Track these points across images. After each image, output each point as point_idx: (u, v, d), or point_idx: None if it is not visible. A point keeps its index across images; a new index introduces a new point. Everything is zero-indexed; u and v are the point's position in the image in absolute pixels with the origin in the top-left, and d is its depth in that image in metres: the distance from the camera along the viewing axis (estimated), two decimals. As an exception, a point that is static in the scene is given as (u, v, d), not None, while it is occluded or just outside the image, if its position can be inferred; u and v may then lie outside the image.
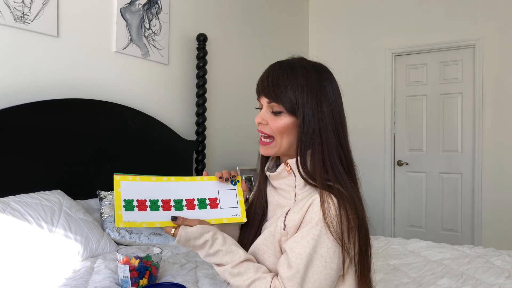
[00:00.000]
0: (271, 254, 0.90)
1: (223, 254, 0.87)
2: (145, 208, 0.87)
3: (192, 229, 0.87)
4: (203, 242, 0.87)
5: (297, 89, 0.88)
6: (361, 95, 4.04)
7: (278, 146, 0.93)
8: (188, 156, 2.78)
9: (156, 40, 2.68)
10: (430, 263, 1.79)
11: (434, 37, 3.73)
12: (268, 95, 0.91)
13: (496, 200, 3.47)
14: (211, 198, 0.95)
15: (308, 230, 0.83)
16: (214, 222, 0.93)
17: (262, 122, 0.93)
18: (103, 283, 1.37)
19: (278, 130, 0.91)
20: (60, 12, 2.14)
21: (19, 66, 1.97)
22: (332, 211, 0.82)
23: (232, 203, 0.97)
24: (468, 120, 3.62)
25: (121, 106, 2.39)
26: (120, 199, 0.86)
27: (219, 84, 3.22)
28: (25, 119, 1.90)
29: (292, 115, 0.90)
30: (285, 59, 0.97)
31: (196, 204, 0.93)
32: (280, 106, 0.90)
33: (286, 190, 0.95)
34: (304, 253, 0.82)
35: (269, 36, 3.83)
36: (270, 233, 0.90)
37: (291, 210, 0.89)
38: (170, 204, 0.90)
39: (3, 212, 1.53)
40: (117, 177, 0.88)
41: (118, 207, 0.85)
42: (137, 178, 0.90)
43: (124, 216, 0.85)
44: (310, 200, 0.86)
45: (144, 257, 1.38)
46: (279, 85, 0.89)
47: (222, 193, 0.97)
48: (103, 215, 1.96)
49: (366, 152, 3.99)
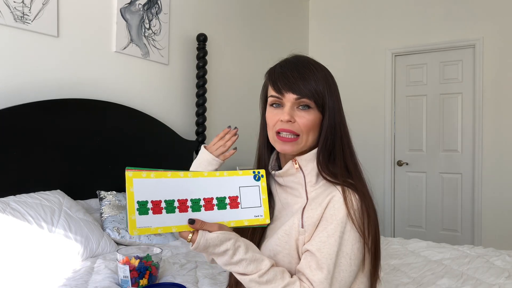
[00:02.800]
0: (286, 254, 0.87)
1: (247, 263, 0.81)
2: (160, 211, 0.79)
3: (211, 235, 0.79)
4: (224, 250, 0.80)
5: (324, 84, 0.87)
6: (361, 95, 4.04)
7: (303, 143, 0.89)
8: (188, 156, 2.78)
9: (156, 40, 2.68)
10: (430, 263, 1.79)
11: (434, 37, 3.73)
12: (296, 90, 0.86)
13: (496, 200, 3.47)
14: (232, 197, 0.86)
15: (333, 228, 0.82)
16: (234, 224, 0.85)
17: (291, 119, 0.87)
18: (103, 283, 1.37)
19: (307, 127, 0.87)
20: (60, 12, 2.14)
21: (19, 66, 1.97)
22: (355, 206, 0.83)
23: (254, 202, 0.88)
24: (468, 120, 3.62)
25: (121, 106, 2.39)
26: (133, 201, 0.77)
27: (219, 84, 3.22)
28: (25, 119, 1.90)
29: (319, 111, 0.88)
30: (291, 56, 0.94)
31: (215, 204, 0.84)
32: (310, 102, 0.87)
33: (294, 188, 0.92)
34: (333, 252, 0.81)
35: (269, 36, 3.83)
36: (285, 232, 0.87)
37: (308, 207, 0.86)
38: (187, 205, 0.81)
39: (3, 212, 1.53)
40: (129, 173, 0.78)
41: (131, 210, 0.76)
42: (152, 175, 0.80)
43: (138, 222, 0.76)
44: (329, 196, 0.84)
45: (144, 257, 1.38)
46: (308, 79, 0.86)
47: (244, 190, 0.88)
48: (103, 215, 1.96)
49: (366, 152, 3.99)
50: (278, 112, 0.89)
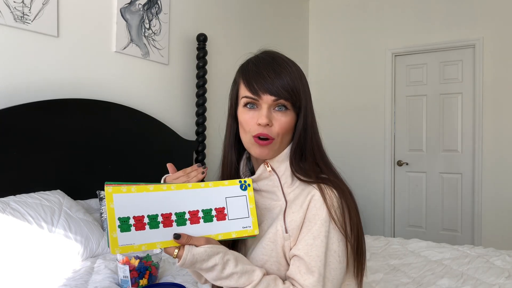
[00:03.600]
0: (274, 262, 0.84)
1: (238, 277, 0.77)
2: (143, 227, 0.75)
3: (198, 250, 0.75)
4: (212, 265, 0.76)
5: (299, 83, 0.85)
6: (361, 95, 4.04)
7: (278, 145, 0.86)
8: (188, 156, 2.78)
9: (156, 40, 2.68)
10: (430, 263, 1.79)
11: (434, 37, 3.73)
12: (274, 92, 0.82)
13: (496, 200, 3.47)
14: (218, 208, 0.82)
15: (318, 229, 0.80)
16: (222, 237, 0.82)
17: (269, 123, 0.83)
18: (103, 283, 1.37)
19: (283, 129, 0.84)
20: (60, 12, 2.14)
21: (19, 66, 1.97)
22: (334, 202, 0.81)
23: (242, 212, 0.84)
24: (468, 120, 3.62)
25: (121, 106, 2.38)
26: (114, 218, 0.73)
27: (219, 84, 3.22)
28: (25, 119, 1.90)
29: (294, 111, 0.85)
30: (261, 52, 0.90)
31: (201, 216, 0.81)
32: (287, 103, 0.83)
33: (270, 191, 0.89)
34: (322, 253, 0.79)
35: (269, 36, 3.83)
36: (269, 240, 0.84)
37: (289, 210, 0.84)
38: (171, 219, 0.78)
39: (3, 212, 1.53)
40: (108, 189, 0.74)
41: (112, 228, 0.73)
42: (132, 189, 0.76)
43: (120, 240, 0.73)
44: (309, 196, 0.82)
45: (144, 257, 1.38)
46: (284, 79, 0.83)
47: (231, 200, 0.84)
48: (103, 215, 1.96)
49: (366, 152, 3.99)
50: (255, 115, 0.84)
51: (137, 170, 2.41)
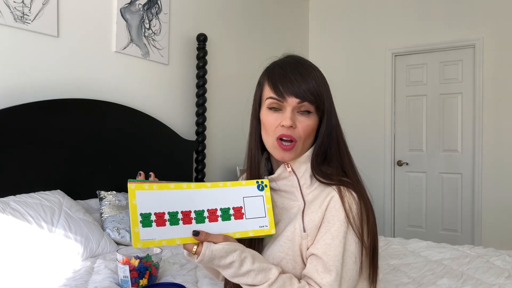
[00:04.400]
0: (290, 260, 0.86)
1: (255, 274, 0.79)
2: (164, 223, 0.78)
3: (217, 247, 0.77)
4: (230, 262, 0.78)
5: (323, 87, 0.86)
6: (361, 95, 4.04)
7: (300, 148, 0.87)
8: (188, 156, 2.78)
9: (156, 40, 2.68)
10: (430, 263, 1.79)
11: (434, 37, 3.73)
12: (300, 95, 0.83)
13: (496, 200, 3.47)
14: (236, 207, 0.85)
15: (337, 229, 0.82)
16: (240, 235, 0.84)
17: (293, 125, 0.84)
18: (103, 283, 1.37)
19: (306, 133, 0.86)
20: (60, 12, 2.14)
21: (19, 66, 1.97)
22: (353, 206, 0.82)
23: (259, 212, 0.87)
24: (468, 120, 3.62)
25: (121, 106, 2.39)
26: (137, 213, 0.76)
27: (219, 84, 3.22)
28: (25, 119, 1.90)
29: (317, 114, 0.87)
30: (286, 56, 0.93)
31: (219, 215, 0.83)
32: (311, 106, 0.85)
33: (289, 191, 0.91)
34: (339, 253, 0.81)
35: (269, 36, 3.83)
36: (287, 238, 0.86)
37: (307, 210, 0.85)
38: (190, 216, 0.81)
39: (3, 212, 1.53)
40: (131, 185, 0.77)
41: (135, 223, 0.76)
42: (154, 187, 0.79)
43: (142, 234, 0.75)
44: (329, 197, 0.83)
45: (144, 257, 1.38)
46: (310, 82, 0.85)
47: (248, 200, 0.87)
48: (103, 215, 1.96)
49: (366, 152, 3.99)
50: (278, 116, 0.86)
51: (137, 170, 2.40)
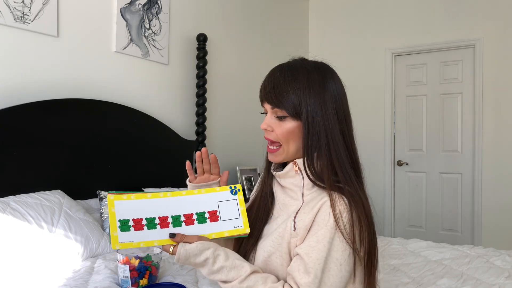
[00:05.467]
0: (278, 256, 0.88)
1: (227, 270, 0.84)
2: (141, 227, 0.84)
3: (191, 246, 0.83)
4: (204, 259, 0.84)
5: (300, 92, 0.87)
6: (361, 95, 4.04)
7: (285, 152, 0.92)
8: (188, 156, 2.78)
9: (156, 40, 2.68)
10: (430, 263, 1.79)
11: (434, 37, 3.73)
12: (270, 101, 0.90)
13: (496, 200, 3.47)
14: (211, 211, 0.90)
15: (323, 233, 0.82)
16: (215, 236, 0.89)
17: (268, 128, 0.92)
18: (103, 283, 1.37)
19: (283, 136, 0.90)
20: (60, 12, 2.14)
21: (19, 66, 1.97)
22: (344, 214, 0.82)
23: (233, 214, 0.92)
24: (468, 120, 3.62)
25: (121, 106, 2.38)
26: (115, 220, 0.83)
27: (219, 84, 3.22)
28: (25, 119, 1.90)
29: (296, 119, 0.88)
30: (286, 61, 0.95)
31: (195, 219, 0.89)
32: (283, 111, 0.88)
33: (293, 190, 0.93)
34: (322, 257, 0.81)
35: (269, 36, 3.83)
36: (279, 234, 0.89)
37: (301, 211, 0.87)
38: (167, 221, 0.86)
39: (3, 212, 1.53)
40: (111, 196, 0.85)
41: (113, 228, 0.82)
42: (132, 197, 0.86)
43: (120, 238, 0.82)
44: (321, 201, 0.85)
45: (144, 257, 1.38)
46: (280, 89, 0.88)
47: (222, 204, 0.92)
48: (103, 215, 1.96)
49: (366, 152, 3.99)
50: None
51: (137, 170, 2.42)
